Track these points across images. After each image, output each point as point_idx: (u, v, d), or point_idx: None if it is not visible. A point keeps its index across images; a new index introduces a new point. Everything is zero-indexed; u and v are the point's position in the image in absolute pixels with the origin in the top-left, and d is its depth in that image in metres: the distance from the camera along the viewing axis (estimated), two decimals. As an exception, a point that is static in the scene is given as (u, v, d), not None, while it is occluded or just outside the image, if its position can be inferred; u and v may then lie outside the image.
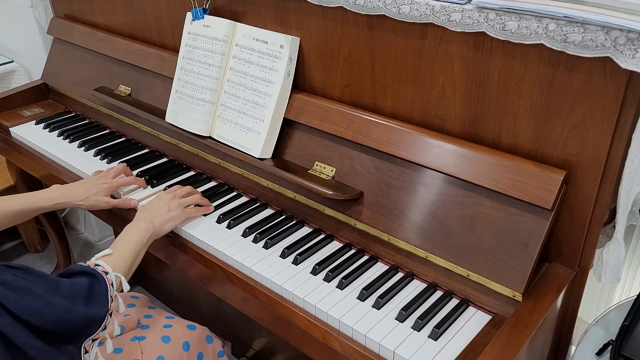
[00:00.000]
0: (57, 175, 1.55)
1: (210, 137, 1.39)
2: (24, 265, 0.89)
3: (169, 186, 1.41)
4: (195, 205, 1.30)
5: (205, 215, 1.30)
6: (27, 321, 0.84)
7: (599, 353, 1.07)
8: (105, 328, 0.98)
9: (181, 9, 1.47)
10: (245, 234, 1.23)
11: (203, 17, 1.37)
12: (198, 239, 1.23)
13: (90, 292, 0.96)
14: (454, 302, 1.05)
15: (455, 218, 1.05)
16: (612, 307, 1.16)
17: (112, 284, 1.01)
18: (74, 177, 1.51)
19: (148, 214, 1.21)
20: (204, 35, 1.37)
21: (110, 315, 0.99)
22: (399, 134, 1.13)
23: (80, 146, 1.63)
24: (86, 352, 0.97)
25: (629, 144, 0.90)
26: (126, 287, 1.06)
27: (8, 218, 1.26)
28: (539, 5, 0.88)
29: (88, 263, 1.03)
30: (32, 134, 1.70)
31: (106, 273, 1.02)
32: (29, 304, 0.84)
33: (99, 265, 1.03)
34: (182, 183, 1.42)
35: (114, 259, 1.07)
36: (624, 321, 1.07)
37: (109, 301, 0.99)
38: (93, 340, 0.97)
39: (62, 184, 1.36)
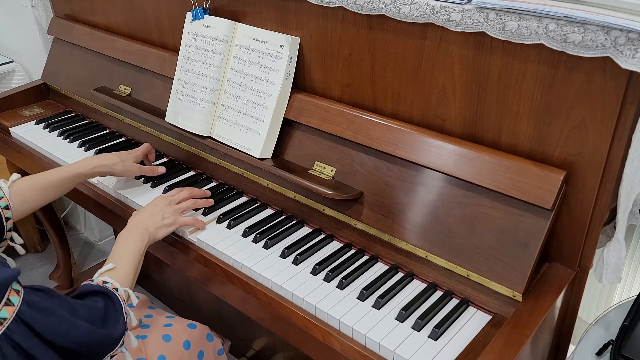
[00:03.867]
0: (57, 175, 1.55)
1: (210, 137, 1.39)
2: (44, 287, 0.89)
3: (169, 186, 1.42)
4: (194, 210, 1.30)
5: (204, 215, 1.30)
6: (53, 342, 0.85)
7: (599, 353, 1.07)
8: (122, 344, 0.97)
9: (181, 9, 1.47)
10: (245, 234, 1.23)
11: (203, 17, 1.37)
12: (198, 239, 1.23)
13: (106, 312, 0.95)
14: (454, 302, 1.05)
15: (455, 218, 1.05)
16: (612, 307, 1.16)
17: (124, 300, 1.00)
18: (74, 177, 1.51)
19: (141, 220, 1.19)
20: (204, 35, 1.37)
21: (127, 330, 0.98)
22: (399, 134, 1.13)
23: (80, 146, 1.63)
24: None
25: (629, 144, 0.90)
26: (134, 300, 1.05)
27: (49, 190, 1.26)
28: (539, 5, 0.88)
29: (95, 281, 1.01)
30: (32, 134, 1.70)
31: (116, 289, 1.00)
32: (54, 325, 0.85)
33: (107, 282, 1.01)
34: (182, 183, 1.43)
35: (119, 274, 1.05)
36: (624, 321, 1.07)
37: (125, 317, 0.98)
38: (111, 357, 0.95)
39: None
